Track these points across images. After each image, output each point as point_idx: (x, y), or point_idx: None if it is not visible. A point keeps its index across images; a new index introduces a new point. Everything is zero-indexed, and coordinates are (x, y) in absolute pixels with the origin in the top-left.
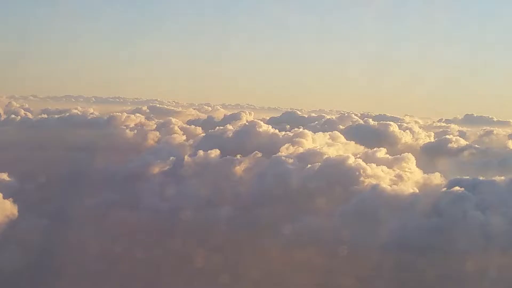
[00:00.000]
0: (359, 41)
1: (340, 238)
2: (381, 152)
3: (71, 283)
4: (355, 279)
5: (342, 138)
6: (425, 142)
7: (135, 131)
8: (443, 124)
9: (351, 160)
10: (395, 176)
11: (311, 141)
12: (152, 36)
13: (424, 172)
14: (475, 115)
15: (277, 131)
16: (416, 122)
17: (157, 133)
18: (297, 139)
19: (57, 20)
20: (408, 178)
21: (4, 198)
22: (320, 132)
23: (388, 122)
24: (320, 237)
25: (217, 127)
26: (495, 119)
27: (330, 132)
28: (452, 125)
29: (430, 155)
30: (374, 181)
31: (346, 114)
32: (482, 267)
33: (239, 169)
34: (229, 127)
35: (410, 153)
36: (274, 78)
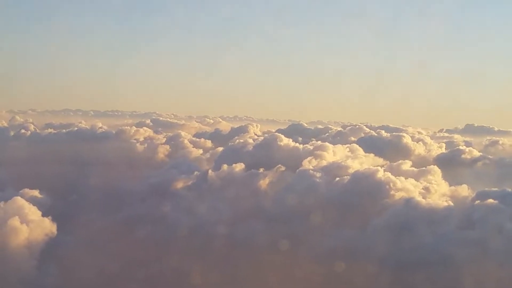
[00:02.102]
0: (354, 52)
1: (375, 252)
2: (406, 165)
3: None
4: None
5: (360, 151)
6: (438, 153)
7: (146, 145)
8: (446, 135)
9: (381, 174)
10: (422, 189)
11: (332, 154)
12: (146, 50)
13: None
14: (475, 125)
15: (297, 144)
16: (419, 132)
17: (167, 147)
18: (318, 152)
19: (52, 33)
20: (435, 190)
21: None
22: (339, 145)
23: (401, 133)
24: (355, 251)
25: (237, 140)
26: (496, 129)
27: (349, 145)
28: (455, 135)
29: (444, 166)
30: (404, 194)
31: (357, 126)
32: None
33: (265, 183)
34: (249, 140)
35: (435, 166)
36: (268, 90)
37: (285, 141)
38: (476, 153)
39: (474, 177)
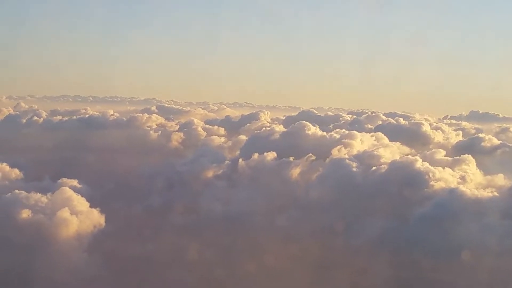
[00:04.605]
0: (349, 37)
1: (420, 242)
2: (440, 154)
3: None
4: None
5: (385, 139)
6: (457, 141)
7: (159, 132)
8: (454, 122)
9: (419, 163)
10: (459, 178)
11: (360, 142)
12: (142, 35)
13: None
14: (480, 112)
15: (325, 133)
16: (426, 119)
17: (181, 134)
18: (346, 140)
19: (48, 19)
20: (471, 180)
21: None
22: (364, 133)
23: (419, 121)
24: (398, 241)
25: (264, 129)
26: (500, 116)
27: (373, 133)
28: (463, 123)
29: (464, 154)
30: (443, 184)
31: (373, 114)
32: None
33: (296, 172)
34: (276, 128)
35: (469, 155)
36: (262, 76)
37: (313, 129)
38: (496, 141)
39: (499, 165)
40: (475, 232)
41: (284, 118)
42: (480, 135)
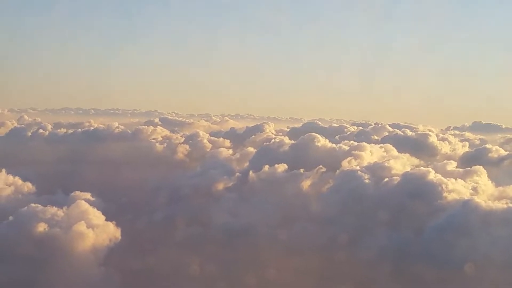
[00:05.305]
0: (349, 48)
1: (434, 254)
2: (451, 165)
3: None
4: None
5: (394, 151)
6: (464, 152)
7: (165, 145)
8: (457, 132)
9: (432, 175)
10: (471, 190)
11: (369, 154)
12: (142, 47)
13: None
14: (483, 123)
15: (334, 145)
16: (430, 130)
17: (187, 146)
18: (356, 152)
19: (47, 33)
20: (483, 191)
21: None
22: (373, 144)
23: (426, 132)
24: (412, 253)
25: (272, 141)
26: (503, 126)
27: (382, 145)
28: (467, 133)
29: (471, 165)
30: (455, 196)
31: (380, 125)
32: None
33: (307, 184)
34: (286, 140)
35: (481, 166)
36: (266, 87)
37: (322, 141)
38: (503, 152)
39: (508, 176)
40: (490, 244)
41: (288, 129)
42: (487, 146)
